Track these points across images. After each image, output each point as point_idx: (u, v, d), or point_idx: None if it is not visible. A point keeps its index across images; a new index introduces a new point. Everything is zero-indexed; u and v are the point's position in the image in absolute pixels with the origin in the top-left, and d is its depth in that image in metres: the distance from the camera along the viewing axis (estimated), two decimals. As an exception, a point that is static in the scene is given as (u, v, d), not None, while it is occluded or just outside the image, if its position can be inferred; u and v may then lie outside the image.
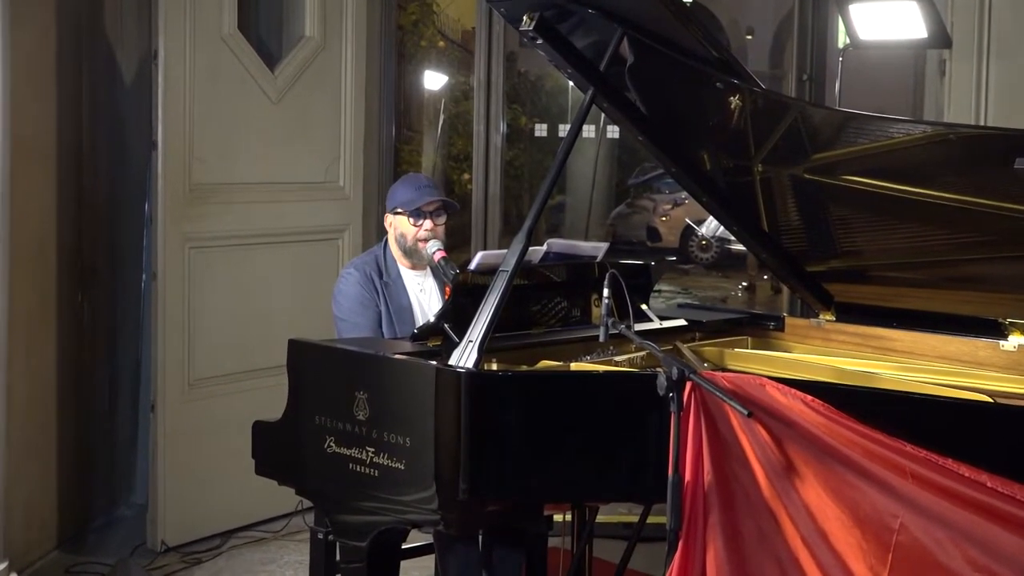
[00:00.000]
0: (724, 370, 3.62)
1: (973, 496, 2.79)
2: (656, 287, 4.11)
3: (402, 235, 3.90)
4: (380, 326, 3.84)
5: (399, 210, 3.90)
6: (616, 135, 7.38)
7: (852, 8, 4.85)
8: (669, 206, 10.59)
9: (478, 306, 3.15)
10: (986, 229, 3.32)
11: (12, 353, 4.45)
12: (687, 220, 10.16)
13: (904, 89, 5.58)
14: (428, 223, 3.87)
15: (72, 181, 5.08)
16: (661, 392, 2.85)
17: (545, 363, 3.45)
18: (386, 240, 3.99)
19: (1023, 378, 3.47)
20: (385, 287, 3.88)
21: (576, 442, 3.05)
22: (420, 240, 3.87)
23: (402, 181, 3.99)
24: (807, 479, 2.90)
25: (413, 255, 3.90)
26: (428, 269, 3.98)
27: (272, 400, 3.62)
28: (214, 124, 5.14)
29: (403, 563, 3.71)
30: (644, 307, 3.91)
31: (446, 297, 3.83)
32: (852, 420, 2.89)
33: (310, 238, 5.57)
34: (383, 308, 3.85)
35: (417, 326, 3.66)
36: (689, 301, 8.77)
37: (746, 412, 2.82)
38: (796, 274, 3.91)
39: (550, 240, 3.85)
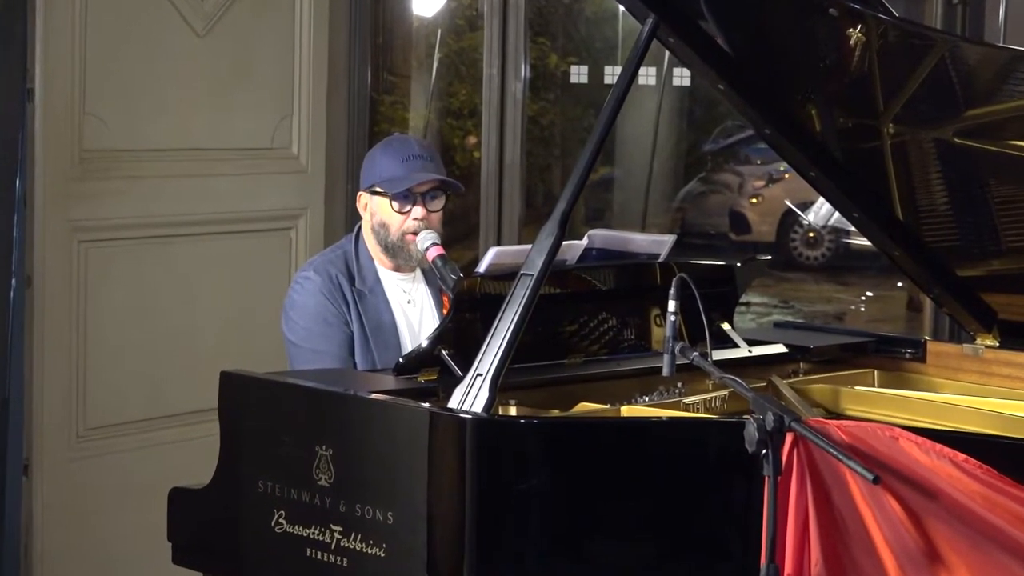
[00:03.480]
0: (841, 417, 3.63)
1: None
2: (743, 298, 4.12)
3: (382, 225, 3.92)
4: (352, 353, 3.87)
5: (378, 189, 3.93)
6: (686, 82, 7.37)
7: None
8: (762, 183, 10.57)
9: (490, 325, 3.17)
10: None
11: None
12: (787, 203, 10.13)
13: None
14: (419, 210, 3.89)
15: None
16: (750, 448, 2.86)
17: (585, 407, 3.47)
18: (359, 230, 4.01)
19: None
20: (359, 298, 3.90)
21: (628, 519, 3.07)
22: (408, 233, 3.89)
23: (383, 147, 4.01)
24: (956, 570, 2.91)
25: (398, 253, 3.92)
26: (418, 271, 4.01)
27: (197, 458, 3.63)
28: (115, 67, 5.16)
29: None
30: (726, 327, 3.92)
31: (444, 312, 3.85)
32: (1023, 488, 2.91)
33: (252, 227, 5.59)
34: (356, 327, 3.87)
35: (404, 352, 3.68)
36: (790, 318, 8.76)
37: (871, 477, 2.83)
38: (943, 281, 3.91)
39: (592, 231, 3.87)
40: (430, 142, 5.79)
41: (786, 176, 10.12)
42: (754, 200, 10.63)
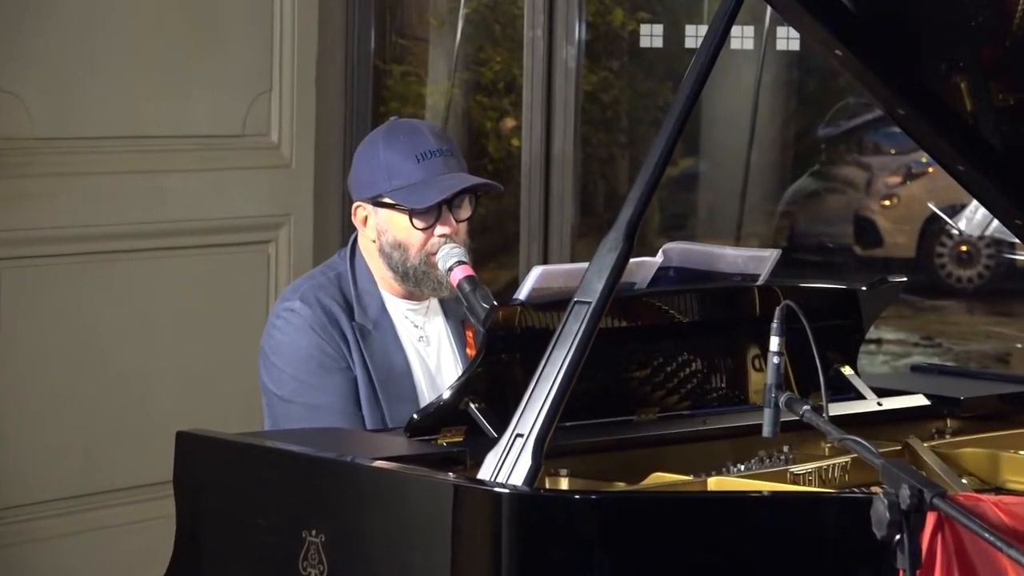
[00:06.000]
0: (1000, 491, 3.62)
1: None
2: (871, 333, 4.12)
3: (398, 246, 3.92)
4: (359, 405, 3.87)
5: (389, 200, 3.94)
6: (794, 46, 7.37)
7: None
8: (897, 179, 10.58)
9: (532, 369, 3.18)
10: None
11: None
12: (931, 206, 10.14)
13: None
14: (446, 227, 3.91)
15: None
16: (880, 533, 2.86)
17: (660, 477, 3.48)
18: (355, 244, 4.03)
19: None
20: (361, 335, 3.90)
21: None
22: (433, 254, 3.90)
23: (386, 139, 3.99)
24: None
25: (422, 282, 3.92)
26: (432, 300, 4.01)
27: (147, 545, 3.66)
28: (40, 31, 5.21)
29: None
30: (848, 372, 3.92)
31: (470, 352, 3.86)
32: None
33: (219, 240, 5.62)
34: (359, 374, 3.87)
35: (420, 406, 3.69)
36: (935, 360, 8.75)
37: (1041, 570, 2.84)
38: None
39: (669, 245, 3.88)
40: (448, 128, 5.78)
41: (929, 171, 10.12)
42: (886, 202, 10.62)
